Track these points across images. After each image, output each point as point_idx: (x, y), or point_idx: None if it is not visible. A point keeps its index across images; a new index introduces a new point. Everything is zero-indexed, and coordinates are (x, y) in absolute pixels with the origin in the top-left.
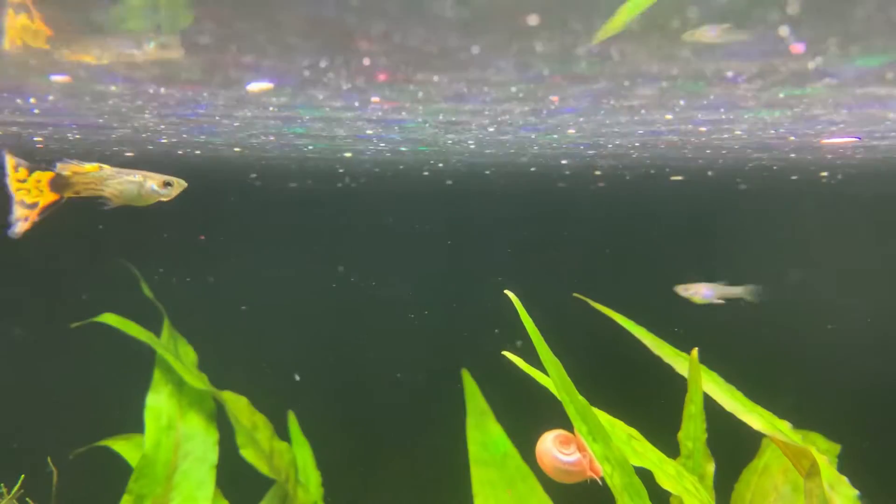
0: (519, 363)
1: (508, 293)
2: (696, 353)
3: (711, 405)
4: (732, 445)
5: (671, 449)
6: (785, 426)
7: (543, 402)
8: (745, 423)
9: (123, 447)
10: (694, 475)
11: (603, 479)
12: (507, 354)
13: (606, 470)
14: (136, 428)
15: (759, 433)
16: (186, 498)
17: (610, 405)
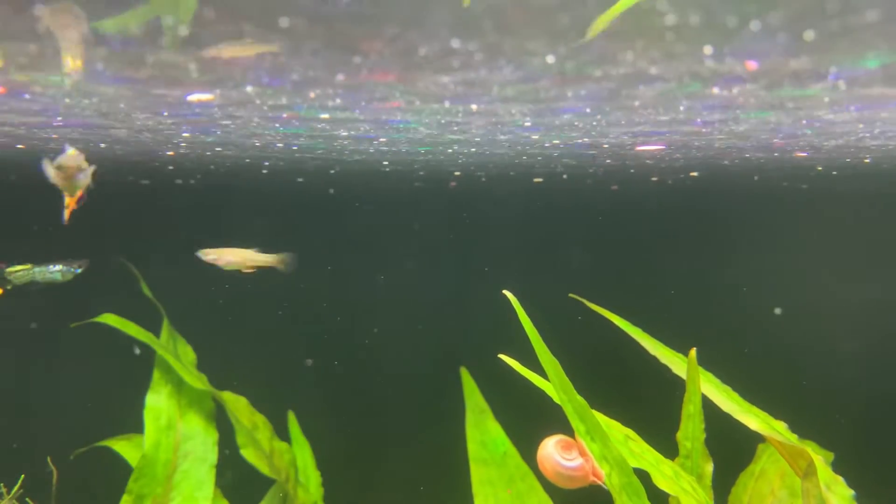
0: (515, 366)
1: (507, 293)
2: (694, 352)
3: (708, 408)
4: (729, 447)
5: (668, 450)
6: (781, 426)
7: (543, 400)
8: (741, 424)
9: (123, 447)
10: (692, 475)
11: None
12: (503, 358)
13: (604, 469)
14: (136, 428)
15: (755, 435)
16: (186, 498)
17: (608, 406)
